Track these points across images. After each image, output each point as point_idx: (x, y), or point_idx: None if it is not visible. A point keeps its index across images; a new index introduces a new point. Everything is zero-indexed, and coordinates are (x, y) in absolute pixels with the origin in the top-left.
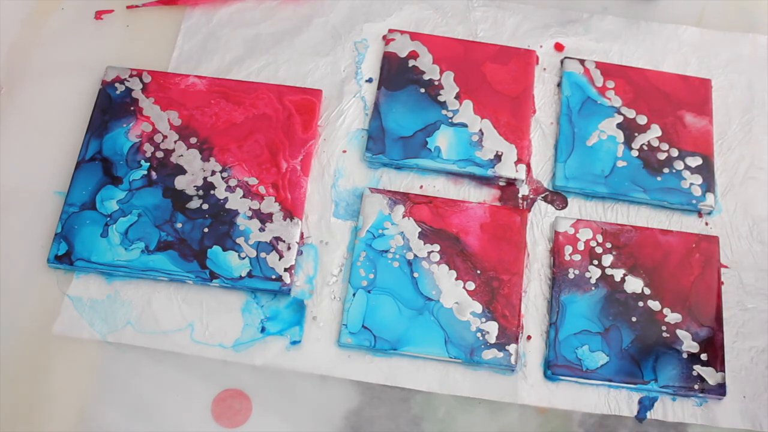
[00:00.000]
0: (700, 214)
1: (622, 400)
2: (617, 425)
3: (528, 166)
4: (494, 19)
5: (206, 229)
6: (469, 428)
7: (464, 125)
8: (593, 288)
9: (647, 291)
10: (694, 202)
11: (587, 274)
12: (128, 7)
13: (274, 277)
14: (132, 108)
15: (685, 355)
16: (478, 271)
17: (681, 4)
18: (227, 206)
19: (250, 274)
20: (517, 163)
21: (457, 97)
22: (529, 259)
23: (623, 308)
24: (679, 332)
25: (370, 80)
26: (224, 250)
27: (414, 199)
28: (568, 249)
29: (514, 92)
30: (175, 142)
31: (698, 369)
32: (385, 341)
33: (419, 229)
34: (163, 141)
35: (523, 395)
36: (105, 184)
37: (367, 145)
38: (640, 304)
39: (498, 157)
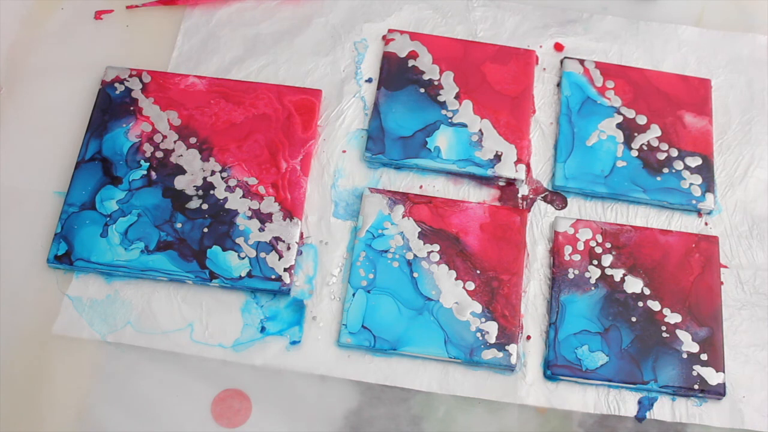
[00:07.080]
0: (699, 214)
1: (621, 400)
2: (617, 425)
3: (528, 166)
4: (494, 19)
5: (206, 229)
6: (468, 428)
7: (464, 125)
8: (593, 288)
9: (647, 291)
10: (693, 202)
11: (587, 274)
12: (128, 7)
13: (273, 277)
14: (132, 108)
15: (684, 355)
16: (478, 271)
17: (681, 4)
18: (227, 206)
19: (249, 274)
20: (516, 163)
21: (457, 97)
22: (529, 259)
23: (623, 308)
24: (679, 332)
25: (369, 80)
26: (224, 250)
27: (414, 199)
28: (568, 249)
29: (514, 92)
30: (175, 142)
31: (698, 369)
32: (384, 341)
33: (419, 229)
34: (162, 141)
35: (523, 395)
36: (105, 184)
37: (367, 145)
38: (640, 304)
39: (498, 157)
